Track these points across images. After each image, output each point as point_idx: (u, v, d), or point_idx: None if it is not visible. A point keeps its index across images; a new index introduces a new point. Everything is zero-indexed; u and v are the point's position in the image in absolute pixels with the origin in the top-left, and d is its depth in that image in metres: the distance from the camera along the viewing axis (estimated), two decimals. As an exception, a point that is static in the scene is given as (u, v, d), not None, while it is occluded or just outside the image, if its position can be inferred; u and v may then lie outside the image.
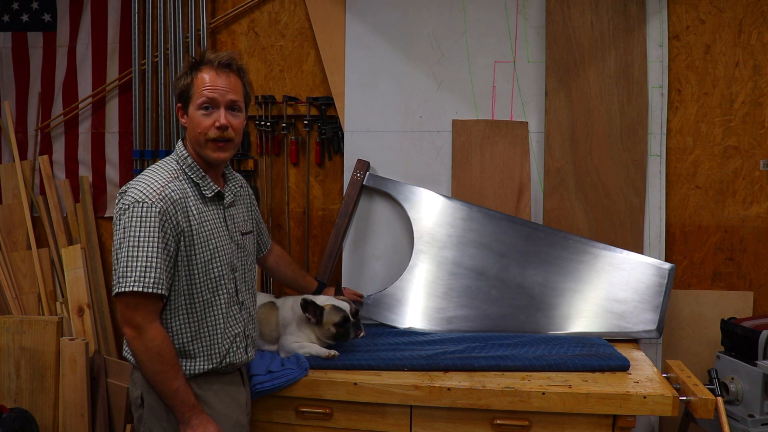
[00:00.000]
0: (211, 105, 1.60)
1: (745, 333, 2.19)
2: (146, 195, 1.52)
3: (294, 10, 2.74)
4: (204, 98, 1.59)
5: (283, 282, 2.26)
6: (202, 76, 1.61)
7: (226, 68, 1.63)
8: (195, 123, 1.61)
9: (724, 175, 2.52)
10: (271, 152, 2.76)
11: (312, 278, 2.26)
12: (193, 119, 1.62)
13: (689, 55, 2.50)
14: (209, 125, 1.60)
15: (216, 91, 1.60)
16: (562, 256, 2.34)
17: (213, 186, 1.66)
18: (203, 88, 1.60)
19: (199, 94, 1.60)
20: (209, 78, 1.60)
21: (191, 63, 1.65)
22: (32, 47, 2.99)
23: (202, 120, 1.60)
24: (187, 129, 1.66)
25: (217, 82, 1.60)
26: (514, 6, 2.54)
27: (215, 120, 1.60)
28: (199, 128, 1.60)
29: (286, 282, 2.23)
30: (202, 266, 1.60)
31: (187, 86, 1.62)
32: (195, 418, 1.55)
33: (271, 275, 2.25)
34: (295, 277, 2.20)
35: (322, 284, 2.26)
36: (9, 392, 2.54)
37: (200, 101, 1.60)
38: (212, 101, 1.60)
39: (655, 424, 2.46)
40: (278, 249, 2.16)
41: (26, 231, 2.93)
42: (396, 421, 1.90)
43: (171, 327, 1.60)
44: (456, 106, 2.58)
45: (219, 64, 1.62)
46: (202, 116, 1.60)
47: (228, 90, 1.62)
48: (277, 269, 2.16)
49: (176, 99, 1.68)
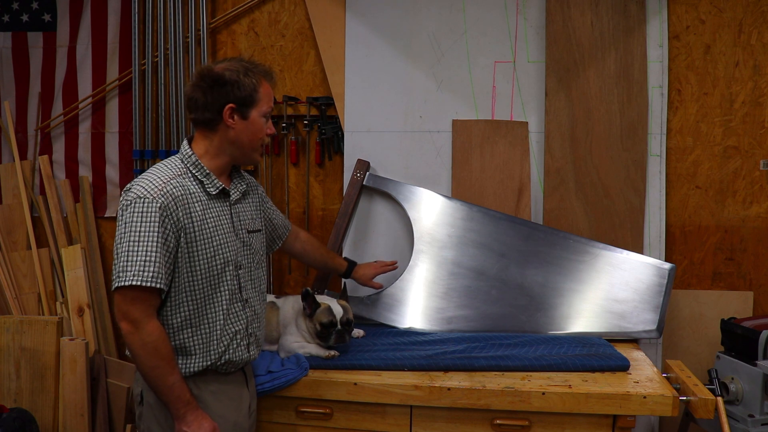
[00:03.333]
0: (269, 115, 1.73)
1: (745, 333, 2.19)
2: (148, 191, 1.54)
3: (294, 10, 2.74)
4: (270, 108, 1.71)
5: (313, 266, 2.40)
6: (267, 86, 1.70)
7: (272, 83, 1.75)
8: (257, 128, 1.69)
9: (724, 175, 2.52)
10: (271, 152, 2.77)
11: (341, 259, 2.31)
12: (256, 123, 1.68)
13: (689, 55, 2.51)
14: (267, 132, 1.72)
15: (273, 103, 1.74)
16: (562, 256, 2.34)
17: (217, 183, 1.67)
18: (270, 98, 1.71)
19: (267, 102, 1.70)
20: (271, 90, 1.72)
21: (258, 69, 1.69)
22: (32, 47, 2.99)
23: (264, 126, 1.71)
24: (233, 130, 1.65)
25: (273, 95, 1.74)
26: (514, 6, 2.54)
27: (269, 129, 1.73)
28: (261, 133, 1.70)
29: (317, 266, 2.33)
30: (204, 262, 1.61)
31: (253, 90, 1.66)
32: (190, 414, 1.56)
33: (301, 261, 2.34)
34: (324, 261, 2.25)
35: (352, 264, 2.31)
36: (9, 392, 2.54)
37: (266, 109, 1.70)
38: (270, 112, 1.73)
39: (655, 424, 2.46)
40: (305, 234, 2.19)
41: (26, 231, 2.93)
42: (396, 421, 1.90)
43: (171, 323, 1.60)
44: (456, 106, 2.58)
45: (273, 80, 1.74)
46: (264, 122, 1.71)
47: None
48: (305, 254, 2.19)
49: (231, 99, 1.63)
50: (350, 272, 2.30)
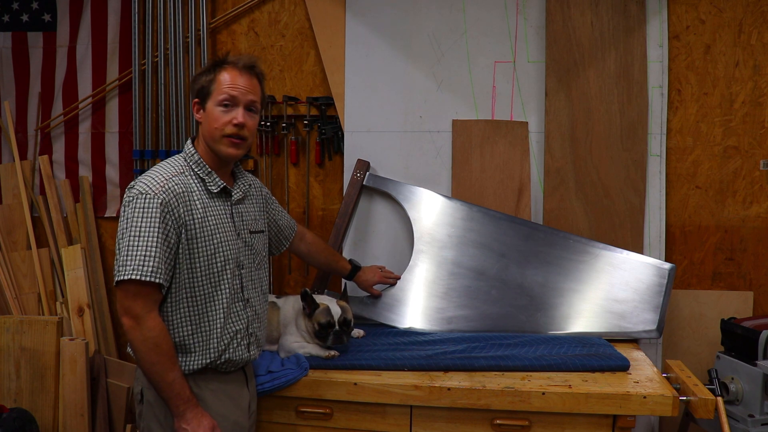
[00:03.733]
0: (231, 103, 1.65)
1: (745, 333, 2.19)
2: (150, 188, 1.56)
3: (294, 10, 2.74)
4: (225, 95, 1.64)
5: (318, 267, 2.37)
6: (224, 75, 1.66)
7: (249, 70, 1.69)
8: (213, 118, 1.65)
9: (724, 175, 2.52)
10: (271, 152, 2.77)
11: (346, 261, 2.31)
12: (211, 114, 1.66)
13: (689, 55, 2.51)
14: (227, 122, 1.64)
15: (237, 90, 1.65)
16: (562, 256, 2.34)
17: (219, 181, 1.68)
18: (225, 86, 1.65)
19: (220, 90, 1.65)
20: (231, 77, 1.66)
21: (215, 61, 1.70)
22: (32, 47, 2.99)
23: (221, 116, 1.65)
24: (201, 125, 1.69)
25: (239, 82, 1.66)
26: (514, 6, 2.54)
27: (233, 117, 1.65)
28: (216, 123, 1.65)
29: (322, 267, 2.34)
30: (205, 260, 1.62)
31: (209, 82, 1.67)
32: (189, 411, 1.56)
33: (306, 261, 2.35)
34: (328, 262, 2.25)
35: (356, 267, 2.31)
36: (9, 392, 2.54)
37: (221, 98, 1.64)
38: (233, 99, 1.65)
39: (655, 424, 2.46)
40: (311, 236, 2.19)
41: (26, 231, 2.93)
42: (396, 421, 1.90)
43: (172, 320, 1.61)
44: (456, 106, 2.58)
45: (243, 66, 1.68)
46: (221, 112, 1.65)
47: (248, 90, 1.67)
48: (310, 255, 2.20)
49: (194, 95, 1.71)
50: (353, 275, 2.30)
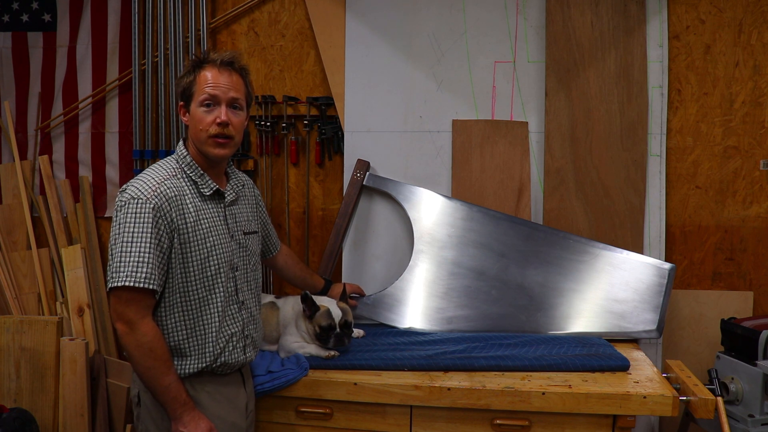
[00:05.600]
0: (212, 102, 1.63)
1: (745, 333, 2.19)
2: (142, 192, 1.54)
3: (294, 10, 2.74)
4: (206, 95, 1.62)
5: (291, 282, 2.26)
6: (204, 74, 1.63)
7: (229, 67, 1.66)
8: (196, 119, 1.63)
9: (724, 175, 2.52)
10: (271, 152, 2.76)
11: (319, 277, 2.30)
12: (194, 116, 1.64)
13: (689, 55, 2.50)
14: (210, 122, 1.62)
15: (218, 89, 1.62)
16: (562, 256, 2.34)
17: (211, 184, 1.67)
18: (205, 86, 1.62)
19: (201, 91, 1.62)
20: (211, 76, 1.63)
21: (194, 62, 1.67)
22: (32, 47, 2.99)
23: (204, 116, 1.62)
24: (188, 127, 1.68)
25: (219, 80, 1.63)
26: (514, 6, 2.54)
27: (216, 117, 1.62)
28: (201, 125, 1.63)
29: (295, 282, 2.25)
30: (198, 263, 1.61)
31: (190, 84, 1.65)
32: (186, 414, 1.56)
33: (280, 275, 2.26)
34: (303, 277, 2.23)
35: (328, 282, 2.31)
36: (9, 392, 2.54)
37: (202, 98, 1.62)
38: (214, 98, 1.62)
39: (655, 424, 2.46)
40: (286, 249, 2.19)
41: (26, 231, 2.93)
42: (396, 421, 1.90)
43: (166, 325, 1.60)
44: (456, 106, 2.58)
45: (221, 63, 1.64)
46: (203, 113, 1.62)
47: (230, 88, 1.64)
48: (286, 269, 2.19)
49: (178, 97, 1.70)
50: (326, 291, 2.28)
